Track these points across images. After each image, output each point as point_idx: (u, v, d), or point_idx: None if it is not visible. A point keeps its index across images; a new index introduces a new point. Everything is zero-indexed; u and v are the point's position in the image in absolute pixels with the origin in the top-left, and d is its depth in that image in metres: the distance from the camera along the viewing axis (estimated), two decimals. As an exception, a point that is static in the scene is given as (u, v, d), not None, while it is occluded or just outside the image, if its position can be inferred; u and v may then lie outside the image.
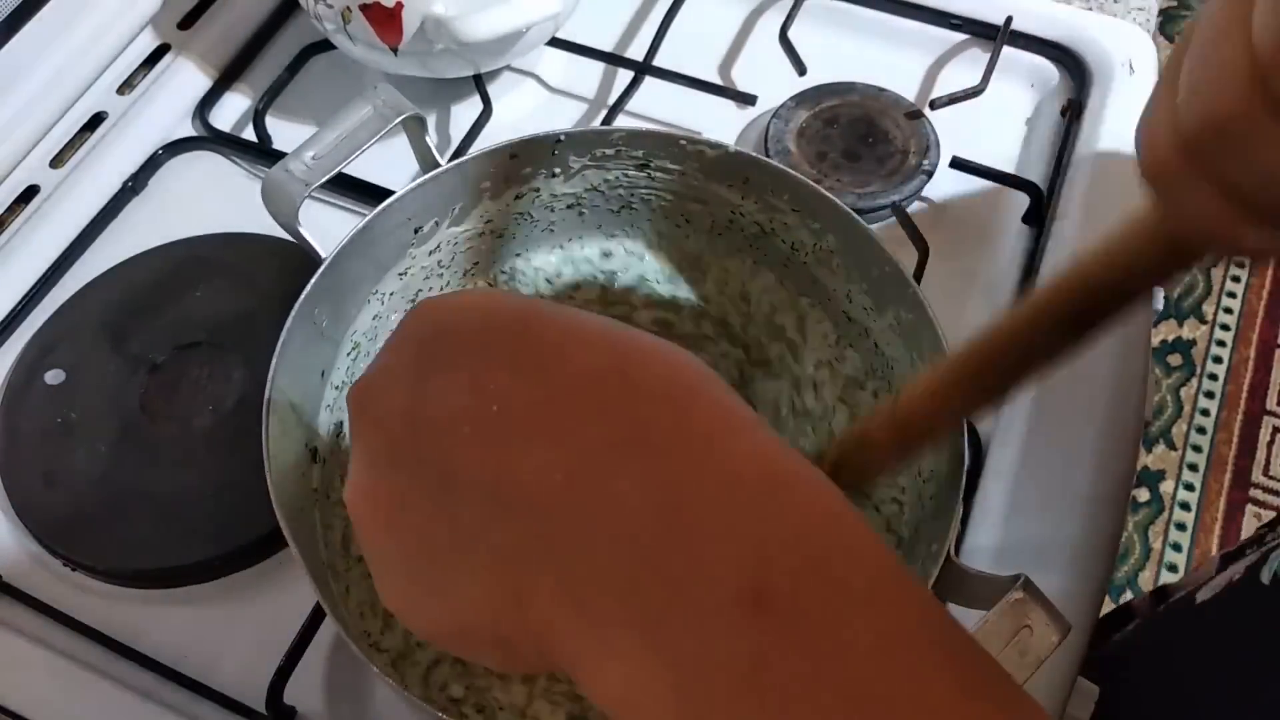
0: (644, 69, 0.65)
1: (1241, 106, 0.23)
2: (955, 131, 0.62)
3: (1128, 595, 1.34)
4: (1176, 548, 1.38)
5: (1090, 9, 0.69)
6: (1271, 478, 1.43)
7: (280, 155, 0.55)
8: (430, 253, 0.49)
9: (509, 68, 0.68)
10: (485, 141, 0.62)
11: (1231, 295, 1.58)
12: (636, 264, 0.53)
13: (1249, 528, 1.39)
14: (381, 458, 0.25)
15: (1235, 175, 0.25)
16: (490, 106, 0.64)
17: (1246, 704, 0.50)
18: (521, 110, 0.67)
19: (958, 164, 0.61)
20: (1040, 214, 0.60)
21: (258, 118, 0.65)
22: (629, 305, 0.53)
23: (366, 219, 0.45)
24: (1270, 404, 1.48)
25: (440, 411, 0.24)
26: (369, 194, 0.60)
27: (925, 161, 0.61)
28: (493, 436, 0.23)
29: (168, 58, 0.68)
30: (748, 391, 0.52)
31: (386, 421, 0.25)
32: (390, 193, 0.46)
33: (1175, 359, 1.52)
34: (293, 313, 0.43)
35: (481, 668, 0.44)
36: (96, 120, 0.66)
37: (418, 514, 0.24)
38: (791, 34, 0.66)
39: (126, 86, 0.67)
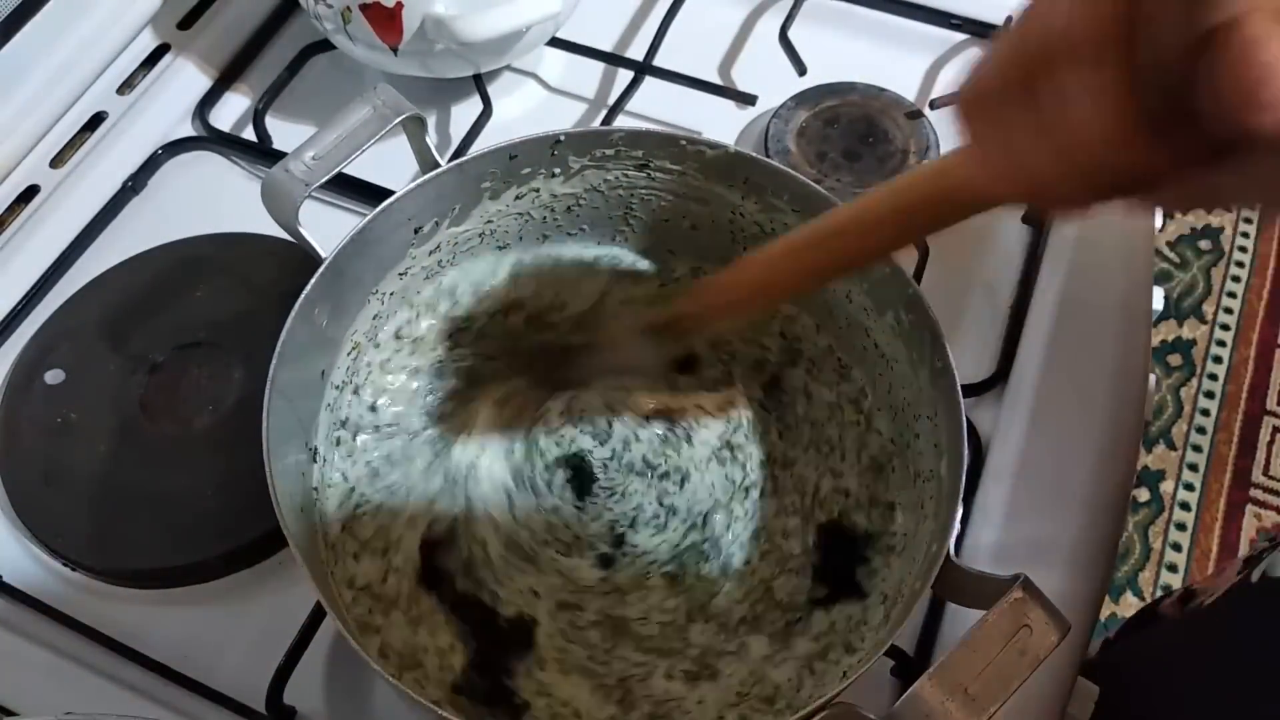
0: (644, 69, 0.65)
1: (1010, 82, 0.29)
2: (955, 132, 0.62)
3: (1128, 595, 1.34)
4: (1176, 548, 1.38)
5: (1090, 9, 0.69)
6: (1271, 478, 1.42)
7: (280, 155, 0.55)
8: (430, 252, 0.49)
9: (509, 68, 0.68)
10: (485, 141, 0.62)
11: (1231, 295, 1.58)
12: (637, 263, 0.53)
13: (1249, 528, 1.39)
14: None
15: (1007, 133, 0.30)
16: (490, 106, 0.64)
17: (1237, 700, 0.50)
18: (521, 110, 0.67)
19: (958, 164, 0.61)
20: (1040, 214, 0.60)
21: (258, 118, 0.65)
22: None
23: (367, 219, 0.45)
24: (1270, 404, 1.48)
25: None
26: (369, 194, 0.60)
27: (925, 161, 0.61)
28: None
29: (168, 58, 0.68)
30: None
31: None
32: (390, 193, 0.46)
33: (1175, 359, 1.52)
34: (293, 312, 0.43)
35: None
36: (96, 120, 0.66)
37: None
38: (791, 34, 0.66)
39: (126, 86, 0.67)
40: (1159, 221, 0.60)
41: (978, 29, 0.67)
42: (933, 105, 0.62)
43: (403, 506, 0.47)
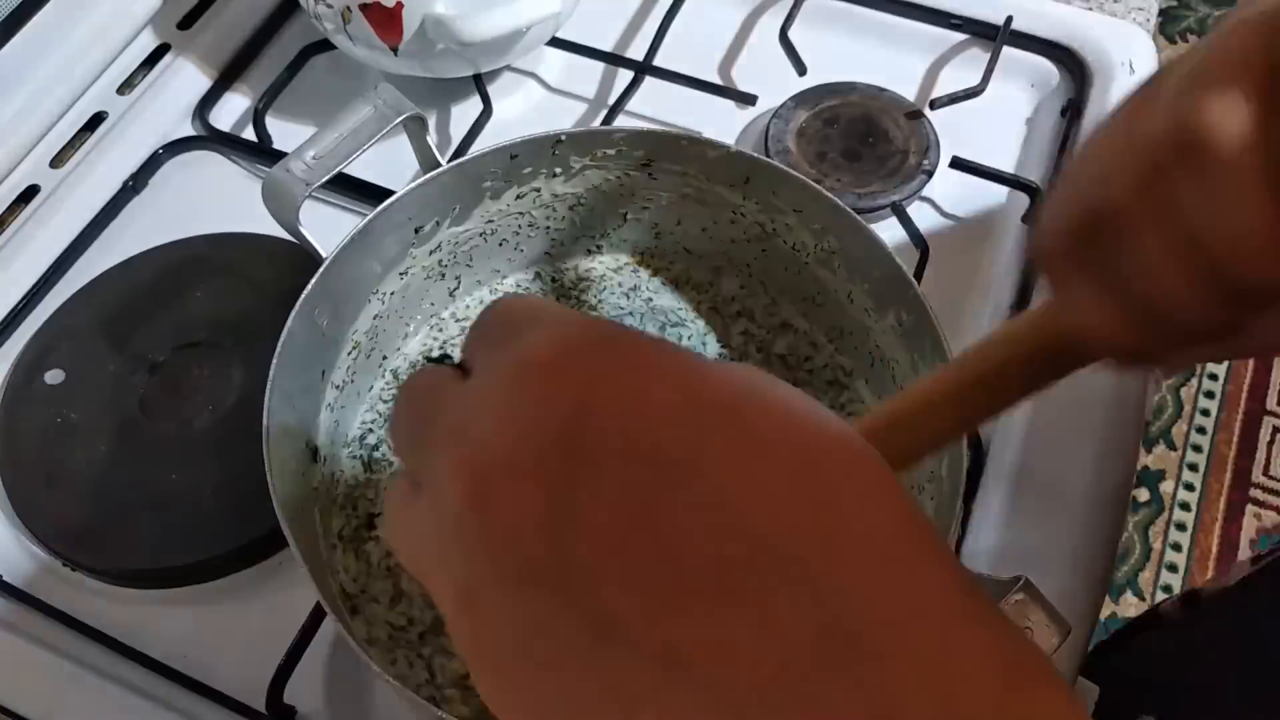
0: (644, 69, 0.65)
1: (1117, 203, 0.25)
2: (955, 131, 0.62)
3: (1128, 595, 1.34)
4: (1176, 548, 1.38)
5: (1090, 9, 0.69)
6: (1271, 478, 1.43)
7: (280, 155, 0.55)
8: (431, 252, 0.49)
9: (509, 68, 0.68)
10: (485, 141, 0.62)
11: (1231, 295, 1.58)
12: (637, 264, 0.53)
13: (1249, 528, 1.39)
14: (510, 573, 0.20)
15: (1112, 271, 0.25)
16: (490, 106, 0.64)
17: (1260, 691, 0.50)
18: (521, 110, 0.67)
19: (958, 164, 0.61)
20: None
21: (258, 118, 0.65)
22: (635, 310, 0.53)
23: (368, 218, 0.45)
24: (1270, 404, 1.48)
25: (596, 544, 0.20)
26: (369, 194, 0.60)
27: (925, 161, 0.61)
28: (667, 594, 0.19)
29: (168, 58, 0.68)
30: None
31: (521, 531, 0.20)
32: (390, 193, 0.46)
33: (1175, 359, 1.52)
34: (293, 312, 0.43)
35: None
36: (96, 120, 0.66)
37: (564, 661, 0.20)
38: (791, 34, 0.66)
39: (126, 86, 0.67)
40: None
41: (978, 29, 0.67)
42: (932, 105, 0.62)
43: None
